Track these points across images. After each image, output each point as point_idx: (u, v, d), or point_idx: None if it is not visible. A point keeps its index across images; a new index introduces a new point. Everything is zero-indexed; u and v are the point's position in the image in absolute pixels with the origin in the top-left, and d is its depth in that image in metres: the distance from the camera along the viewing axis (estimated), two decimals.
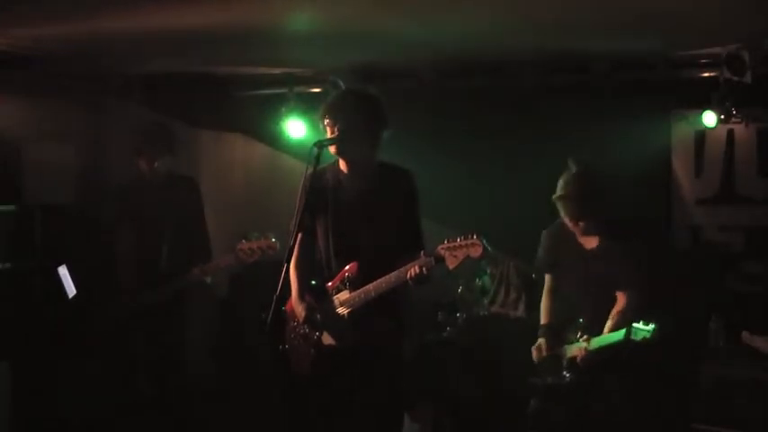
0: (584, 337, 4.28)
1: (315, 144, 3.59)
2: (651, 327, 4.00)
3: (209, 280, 4.96)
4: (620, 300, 4.33)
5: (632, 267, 4.32)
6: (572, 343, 4.39)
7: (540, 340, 4.54)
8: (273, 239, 4.68)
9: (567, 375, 4.38)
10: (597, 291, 4.38)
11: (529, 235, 5.97)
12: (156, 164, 5.05)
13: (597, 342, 4.24)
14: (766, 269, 5.94)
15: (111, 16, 4.44)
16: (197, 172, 6.40)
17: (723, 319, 5.34)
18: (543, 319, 4.65)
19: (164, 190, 5.09)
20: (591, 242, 4.42)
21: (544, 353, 4.49)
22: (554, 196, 4.42)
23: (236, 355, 6.29)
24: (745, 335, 5.07)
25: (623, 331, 4.10)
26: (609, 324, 4.27)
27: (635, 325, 4.04)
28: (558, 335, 4.50)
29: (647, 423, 4.54)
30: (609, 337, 4.21)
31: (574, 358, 4.34)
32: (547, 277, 4.75)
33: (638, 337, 4.02)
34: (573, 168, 4.41)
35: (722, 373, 4.93)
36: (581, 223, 4.37)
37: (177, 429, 5.17)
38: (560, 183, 4.42)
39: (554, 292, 4.68)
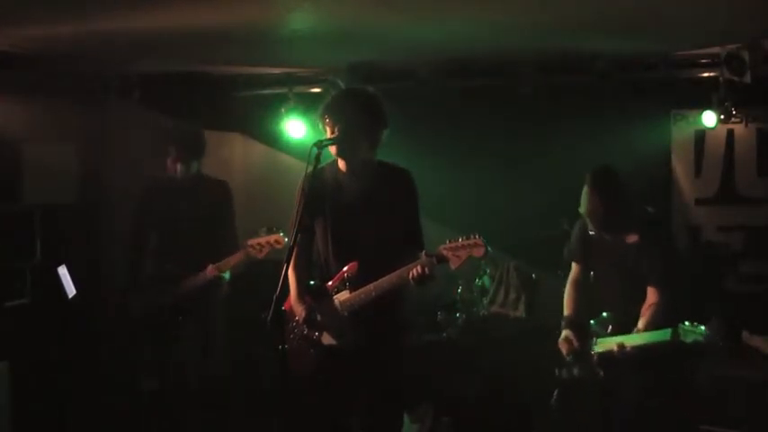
0: (635, 329, 4.09)
1: (314, 144, 3.58)
2: (702, 329, 3.83)
3: (227, 276, 5.02)
4: (652, 295, 4.16)
5: (667, 265, 4.18)
6: (601, 337, 4.23)
7: (567, 333, 4.35)
8: (282, 234, 4.77)
9: (601, 372, 4.21)
10: (630, 284, 4.24)
11: (528, 235, 6.00)
12: (182, 167, 5.07)
13: (639, 339, 4.06)
14: (766, 269, 5.94)
15: (111, 16, 4.44)
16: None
17: (723, 319, 5.33)
18: (567, 311, 4.48)
19: (191, 192, 5.10)
20: (631, 237, 4.26)
21: (575, 345, 4.30)
22: (580, 209, 4.32)
23: (235, 355, 6.29)
24: (745, 335, 5.06)
25: (668, 331, 3.91)
26: (643, 320, 4.11)
27: (683, 326, 3.86)
28: (584, 327, 4.34)
29: (661, 421, 4.45)
30: (652, 335, 4.02)
31: (607, 353, 4.15)
32: (574, 266, 4.60)
33: (689, 338, 3.84)
34: (587, 186, 4.26)
35: (722, 373, 4.93)
36: (606, 236, 4.28)
37: (178, 429, 5.17)
38: (582, 199, 4.29)
39: (579, 283, 4.54)
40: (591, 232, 4.30)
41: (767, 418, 4.71)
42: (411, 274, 3.57)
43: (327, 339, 3.77)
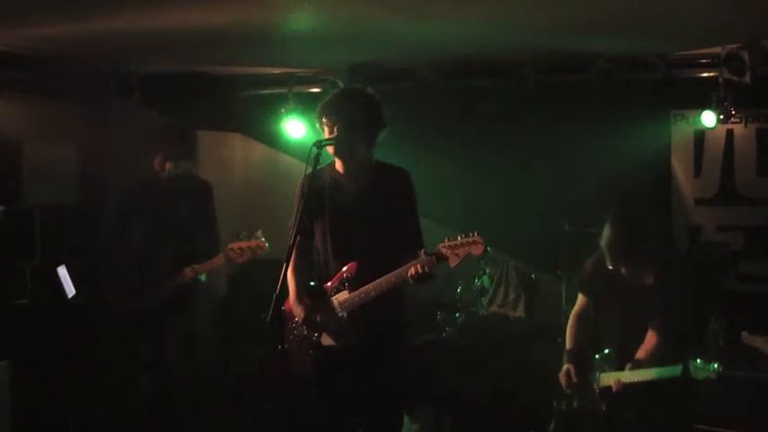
0: (629, 366, 4.06)
1: (314, 144, 3.58)
2: (714, 366, 3.82)
3: (203, 278, 5.01)
4: (651, 337, 4.12)
5: (675, 314, 4.11)
6: (605, 372, 4.19)
7: (568, 366, 4.33)
8: (263, 239, 4.75)
9: (603, 406, 4.17)
10: (635, 324, 4.18)
11: (528, 235, 6.01)
12: (168, 166, 5.06)
13: (647, 374, 4.01)
14: (766, 269, 5.94)
15: (111, 16, 4.44)
16: (196, 172, 6.41)
17: (723, 319, 5.34)
18: (569, 344, 4.46)
19: (175, 192, 5.09)
20: (648, 277, 4.19)
21: (574, 379, 4.28)
22: (600, 242, 4.21)
23: (234, 355, 6.30)
24: (744, 335, 5.06)
25: (679, 367, 3.88)
26: (641, 358, 4.07)
27: (695, 363, 3.84)
28: (585, 361, 4.31)
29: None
30: (662, 371, 3.97)
31: (608, 388, 4.12)
32: (580, 298, 4.53)
33: (700, 376, 3.83)
34: (610, 221, 4.15)
35: (722, 373, 4.91)
36: (623, 269, 4.18)
37: (176, 429, 5.17)
38: (603, 231, 4.18)
39: (583, 316, 4.49)
40: (609, 267, 4.19)
41: (767, 418, 4.71)
42: (410, 273, 3.57)
43: (327, 340, 3.77)
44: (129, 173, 5.89)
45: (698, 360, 3.86)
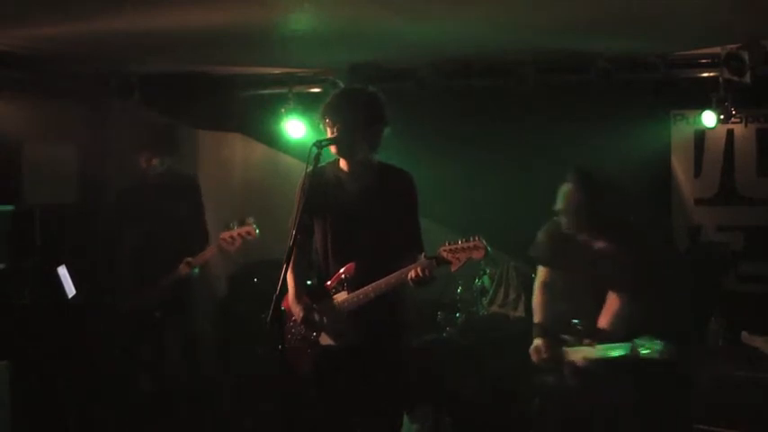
0: (588, 341, 4.04)
1: (314, 144, 3.57)
2: (658, 344, 3.79)
3: (196, 271, 5.01)
4: (614, 301, 4.08)
5: (635, 272, 4.05)
6: (571, 346, 4.13)
7: (538, 341, 4.24)
8: (253, 225, 4.76)
9: (572, 380, 4.11)
10: (599, 291, 4.14)
11: (528, 235, 5.99)
12: (154, 162, 5.08)
13: (601, 351, 3.99)
14: (766, 269, 5.94)
15: (111, 16, 4.44)
16: (196, 172, 6.42)
17: (723, 319, 5.34)
18: (537, 318, 4.36)
19: (162, 188, 5.11)
20: (601, 242, 4.14)
21: (544, 354, 4.19)
22: (555, 208, 4.20)
23: (234, 355, 6.29)
24: (744, 335, 5.06)
25: (628, 345, 3.87)
26: (605, 327, 4.05)
27: (638, 341, 3.83)
28: (555, 334, 4.22)
29: (648, 425, 4.41)
30: (613, 348, 3.95)
31: (574, 363, 4.08)
32: (541, 270, 4.47)
33: (644, 354, 3.81)
34: (570, 182, 4.15)
35: (722, 373, 4.92)
36: (582, 234, 4.17)
37: (176, 429, 5.17)
38: (559, 195, 4.18)
39: (548, 288, 4.41)
40: (566, 231, 4.18)
41: (767, 418, 4.71)
42: (410, 276, 3.57)
43: (325, 339, 3.77)
44: (129, 173, 5.91)
45: (642, 338, 3.84)
